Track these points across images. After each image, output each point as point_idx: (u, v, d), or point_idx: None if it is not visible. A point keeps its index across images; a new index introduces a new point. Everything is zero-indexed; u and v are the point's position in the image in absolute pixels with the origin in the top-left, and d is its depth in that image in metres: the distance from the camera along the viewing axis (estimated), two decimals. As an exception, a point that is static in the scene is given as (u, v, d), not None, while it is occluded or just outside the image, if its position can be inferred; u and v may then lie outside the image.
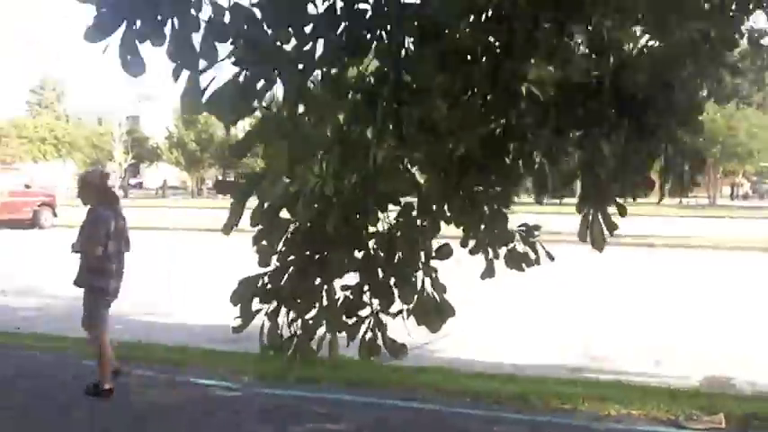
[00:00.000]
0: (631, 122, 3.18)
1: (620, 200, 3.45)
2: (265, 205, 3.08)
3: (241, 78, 2.81)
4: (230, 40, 2.77)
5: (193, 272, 14.60)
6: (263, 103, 2.95)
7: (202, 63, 2.76)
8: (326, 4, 2.96)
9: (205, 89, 2.79)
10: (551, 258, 3.94)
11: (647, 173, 3.31)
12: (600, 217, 3.37)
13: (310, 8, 2.98)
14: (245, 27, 2.75)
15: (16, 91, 73.27)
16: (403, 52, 3.20)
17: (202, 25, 2.71)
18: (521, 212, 4.18)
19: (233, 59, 2.82)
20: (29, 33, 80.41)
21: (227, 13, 2.75)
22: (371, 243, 3.52)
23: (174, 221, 28.16)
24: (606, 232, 3.41)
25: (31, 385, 6.64)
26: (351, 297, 3.53)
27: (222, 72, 2.85)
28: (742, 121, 44.54)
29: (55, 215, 27.91)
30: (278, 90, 3.03)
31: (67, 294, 7.09)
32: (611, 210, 3.42)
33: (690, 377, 7.30)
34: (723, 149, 44.92)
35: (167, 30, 2.65)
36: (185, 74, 2.76)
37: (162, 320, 10.23)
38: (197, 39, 2.73)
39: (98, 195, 6.13)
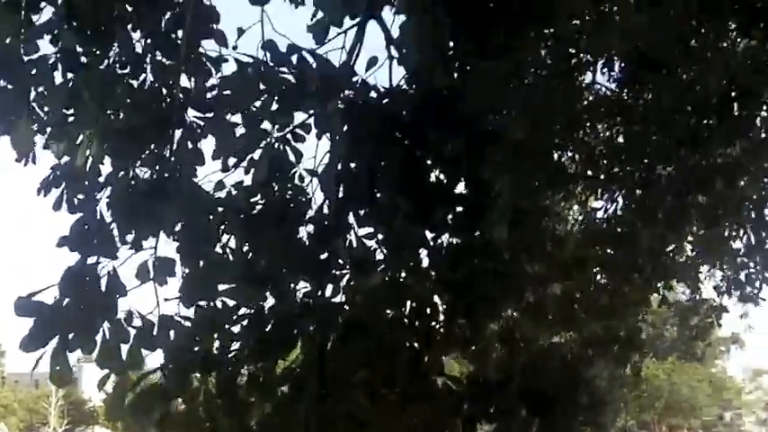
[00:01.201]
0: (540, 420, 3.36)
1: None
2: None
3: (161, 382, 2.99)
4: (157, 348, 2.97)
5: None
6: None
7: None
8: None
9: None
10: None
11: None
12: None
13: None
14: (171, 336, 2.97)
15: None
16: (329, 346, 3.42)
17: (132, 333, 2.92)
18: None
19: None
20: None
21: (155, 324, 2.99)
22: None
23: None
24: None
25: None
26: None
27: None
28: (683, 375, 45.09)
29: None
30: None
31: None
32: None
33: None
34: (667, 404, 45.04)
35: (98, 338, 2.85)
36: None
37: None
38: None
39: None
